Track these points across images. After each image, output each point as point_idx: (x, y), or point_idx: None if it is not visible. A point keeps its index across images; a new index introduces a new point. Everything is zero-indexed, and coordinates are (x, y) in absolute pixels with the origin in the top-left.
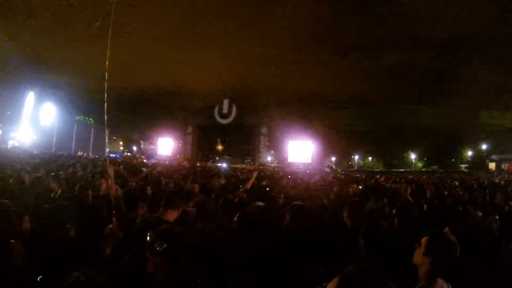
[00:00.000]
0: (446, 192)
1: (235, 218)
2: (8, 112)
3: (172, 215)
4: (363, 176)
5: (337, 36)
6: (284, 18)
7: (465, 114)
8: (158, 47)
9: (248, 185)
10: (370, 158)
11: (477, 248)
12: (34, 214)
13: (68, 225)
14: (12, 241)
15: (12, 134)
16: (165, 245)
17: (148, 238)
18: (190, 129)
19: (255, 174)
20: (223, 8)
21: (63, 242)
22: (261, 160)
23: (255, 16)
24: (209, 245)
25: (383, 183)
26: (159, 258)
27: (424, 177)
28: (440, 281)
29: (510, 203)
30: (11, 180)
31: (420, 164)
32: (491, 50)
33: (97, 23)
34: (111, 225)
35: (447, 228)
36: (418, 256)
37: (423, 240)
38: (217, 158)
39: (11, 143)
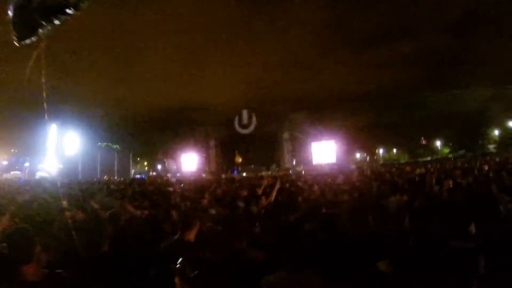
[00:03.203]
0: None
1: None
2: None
3: (191, 235)
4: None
5: (349, 31)
6: (294, 19)
7: (488, 93)
8: (174, 64)
9: (272, 198)
10: (395, 150)
11: None
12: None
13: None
14: None
15: (39, 166)
16: (196, 272)
17: (178, 264)
18: (212, 142)
19: (277, 186)
20: (234, 19)
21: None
22: (286, 165)
23: (265, 22)
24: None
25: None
26: (189, 285)
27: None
28: None
29: None
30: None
31: (446, 150)
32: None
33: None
34: None
35: None
36: None
37: None
38: (239, 169)
39: (39, 174)
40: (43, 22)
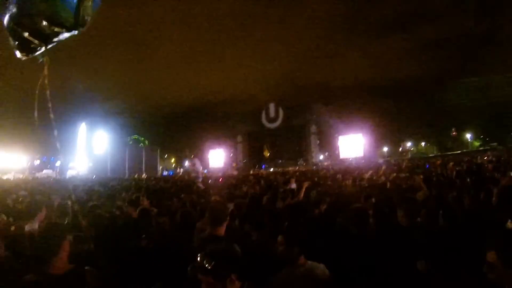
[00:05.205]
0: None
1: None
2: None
3: (221, 230)
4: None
5: (372, 18)
6: (320, 9)
7: None
8: (200, 60)
9: (301, 196)
10: (423, 143)
11: None
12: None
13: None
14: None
15: (70, 164)
16: (213, 263)
17: (198, 259)
18: (239, 138)
19: (305, 185)
20: (260, 10)
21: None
22: (313, 160)
23: (288, 14)
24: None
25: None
26: (210, 276)
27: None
28: None
29: None
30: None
31: (477, 143)
32: None
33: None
34: None
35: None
36: None
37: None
38: (264, 165)
39: (69, 173)
40: (38, 43)
